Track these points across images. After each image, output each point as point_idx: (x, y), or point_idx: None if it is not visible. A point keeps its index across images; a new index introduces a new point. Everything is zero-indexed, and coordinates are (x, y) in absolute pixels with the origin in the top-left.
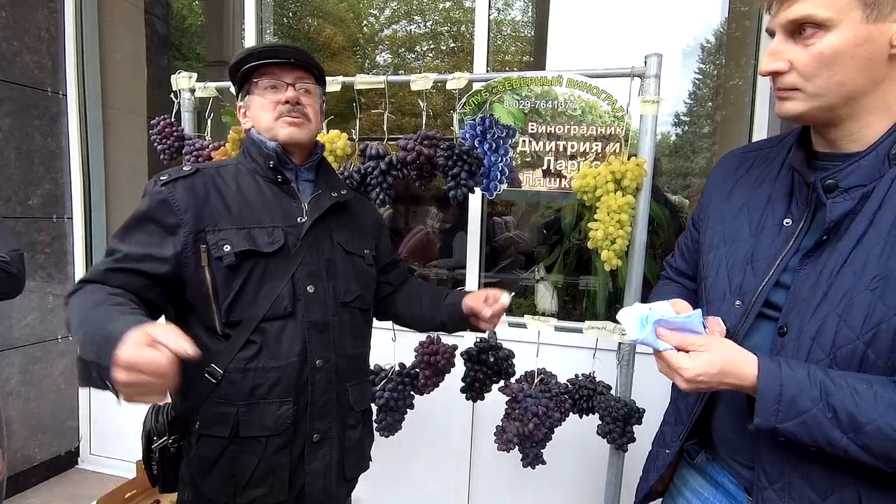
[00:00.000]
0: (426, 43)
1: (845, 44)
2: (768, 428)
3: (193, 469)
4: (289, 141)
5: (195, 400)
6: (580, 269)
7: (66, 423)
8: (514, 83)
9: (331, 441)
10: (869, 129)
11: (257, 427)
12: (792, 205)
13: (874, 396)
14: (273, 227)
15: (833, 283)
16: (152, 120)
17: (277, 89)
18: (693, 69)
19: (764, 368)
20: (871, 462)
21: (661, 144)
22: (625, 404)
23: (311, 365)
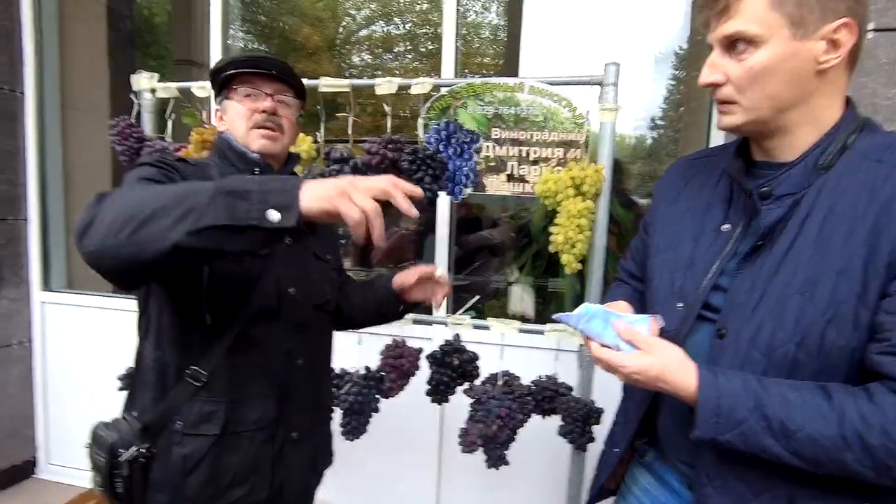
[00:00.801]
0: (404, 44)
1: (774, 59)
2: (708, 440)
3: (174, 471)
4: (262, 152)
5: (173, 403)
6: (549, 271)
7: (21, 432)
8: (478, 89)
9: (307, 438)
10: (800, 141)
11: (242, 422)
12: (730, 211)
13: (803, 404)
14: None
15: (768, 287)
16: (111, 121)
17: (256, 98)
18: (667, 75)
19: (703, 380)
20: (802, 466)
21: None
22: (584, 405)
23: (294, 364)
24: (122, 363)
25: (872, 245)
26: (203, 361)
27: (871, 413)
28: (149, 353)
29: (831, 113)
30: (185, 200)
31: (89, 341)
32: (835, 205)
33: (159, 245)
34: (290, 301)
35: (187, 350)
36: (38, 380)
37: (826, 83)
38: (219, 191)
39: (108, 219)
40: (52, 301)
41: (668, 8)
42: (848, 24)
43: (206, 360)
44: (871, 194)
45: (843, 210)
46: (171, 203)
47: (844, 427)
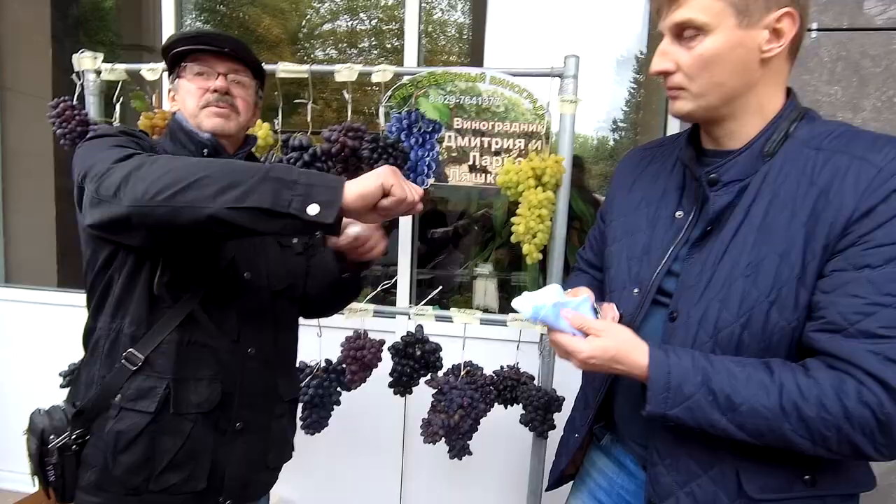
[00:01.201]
0: (369, 40)
1: (721, 47)
2: (659, 414)
3: (105, 447)
4: (214, 132)
5: (110, 385)
6: (512, 265)
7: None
8: (439, 78)
9: (255, 430)
10: (746, 128)
11: (184, 404)
12: (683, 198)
13: (747, 378)
14: None
15: (715, 271)
16: (50, 102)
17: (207, 76)
18: (628, 78)
19: (653, 358)
20: (747, 439)
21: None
22: (545, 393)
23: (242, 351)
24: (65, 360)
25: (811, 229)
26: (150, 337)
27: (808, 386)
28: (103, 325)
29: (774, 102)
30: (232, 176)
31: (27, 340)
32: (778, 190)
33: (197, 213)
34: (245, 286)
35: (140, 323)
36: None
37: (769, 72)
38: (268, 175)
39: (150, 178)
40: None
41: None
42: (790, 14)
43: (153, 336)
44: (811, 180)
45: (785, 195)
46: (218, 175)
47: (783, 399)
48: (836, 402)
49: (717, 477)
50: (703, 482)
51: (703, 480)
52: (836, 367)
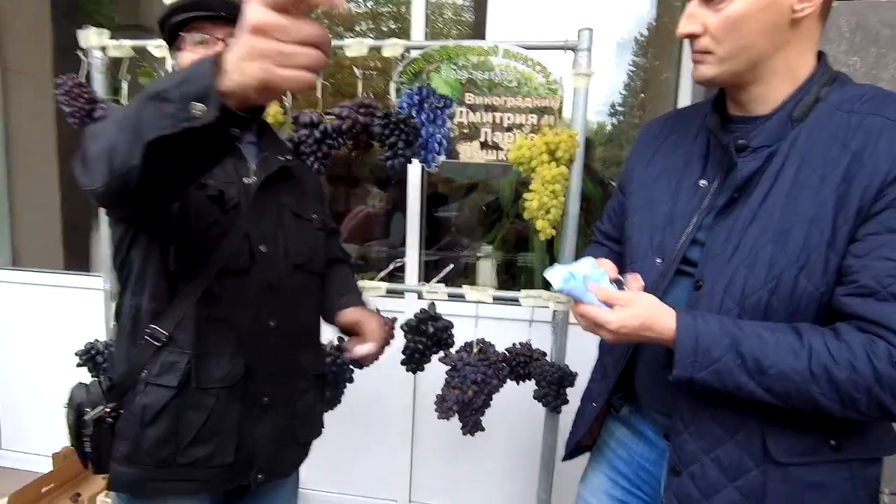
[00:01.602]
0: (365, 24)
1: (750, 7)
2: (686, 378)
3: (135, 421)
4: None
5: (139, 360)
6: (518, 246)
7: None
8: (451, 52)
9: (281, 405)
10: (774, 93)
11: (208, 378)
12: (707, 167)
13: (776, 342)
14: (226, 184)
15: (742, 237)
16: (57, 80)
17: (207, 45)
18: (627, 62)
19: (681, 322)
20: (774, 402)
21: (598, 133)
22: (559, 368)
23: (263, 325)
24: (74, 341)
25: (843, 193)
26: (169, 313)
27: (838, 349)
28: (126, 302)
29: (805, 65)
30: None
31: (40, 321)
32: (808, 155)
33: (133, 172)
34: (262, 259)
35: (159, 299)
36: None
37: (799, 35)
38: (147, 97)
39: (91, 158)
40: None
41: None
42: None
43: (173, 311)
44: (843, 144)
45: (815, 160)
46: (122, 125)
47: (813, 362)
48: (867, 364)
49: (742, 441)
50: (729, 447)
51: (729, 446)
52: (868, 329)
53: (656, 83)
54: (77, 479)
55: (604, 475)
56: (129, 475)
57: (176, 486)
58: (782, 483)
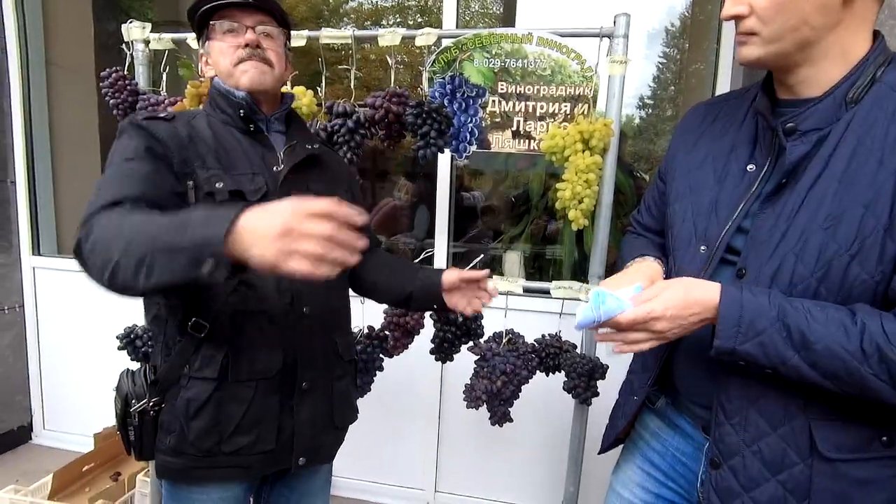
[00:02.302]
0: (393, 17)
1: None
2: (728, 350)
3: (180, 414)
4: (252, 88)
5: (183, 354)
6: (546, 239)
7: (16, 398)
8: (485, 40)
9: (319, 390)
10: (826, 75)
11: (247, 371)
12: (756, 151)
13: (826, 318)
14: (253, 174)
15: (790, 224)
16: (102, 73)
17: (236, 33)
18: (657, 53)
19: (726, 293)
20: (820, 381)
21: (626, 127)
22: (589, 360)
23: (298, 312)
24: (115, 325)
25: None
26: (204, 310)
27: (893, 329)
28: (160, 300)
29: (859, 46)
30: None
31: (82, 306)
32: (864, 137)
33: (134, 292)
34: None
35: (192, 296)
36: (32, 345)
37: (853, 15)
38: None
39: (93, 261)
40: (43, 266)
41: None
42: None
43: (208, 306)
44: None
45: (872, 143)
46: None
47: (864, 341)
48: None
49: (787, 434)
50: (772, 440)
51: (772, 439)
52: None
53: (687, 76)
54: (117, 459)
55: (637, 468)
56: (176, 464)
57: (220, 473)
58: (829, 479)
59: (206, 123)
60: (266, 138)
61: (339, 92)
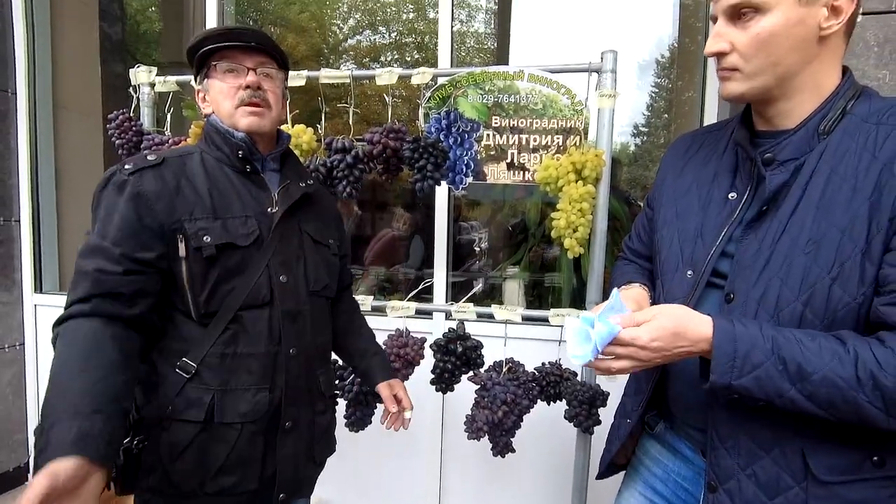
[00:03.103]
0: (390, 53)
1: (780, 25)
2: (724, 385)
3: (162, 454)
4: (250, 130)
5: (166, 395)
6: (545, 266)
7: (14, 437)
8: (478, 77)
9: (302, 427)
10: (801, 108)
11: (232, 413)
12: (736, 180)
13: (819, 347)
14: (246, 217)
15: (774, 249)
16: (110, 115)
17: (237, 73)
18: (649, 83)
19: (718, 327)
20: (815, 411)
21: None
22: (590, 388)
23: (285, 353)
24: None
25: (875, 202)
26: (193, 351)
27: (884, 356)
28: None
29: (831, 80)
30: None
31: None
32: (837, 166)
33: None
34: (282, 289)
35: (180, 340)
36: (31, 383)
37: (826, 50)
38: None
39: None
40: (44, 303)
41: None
42: None
43: (197, 349)
44: (872, 155)
45: (844, 171)
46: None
47: (858, 368)
48: None
49: (779, 458)
50: (765, 464)
51: (765, 462)
52: None
53: (679, 103)
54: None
55: (640, 494)
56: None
57: None
58: (825, 502)
59: (199, 162)
60: (261, 179)
61: (339, 127)
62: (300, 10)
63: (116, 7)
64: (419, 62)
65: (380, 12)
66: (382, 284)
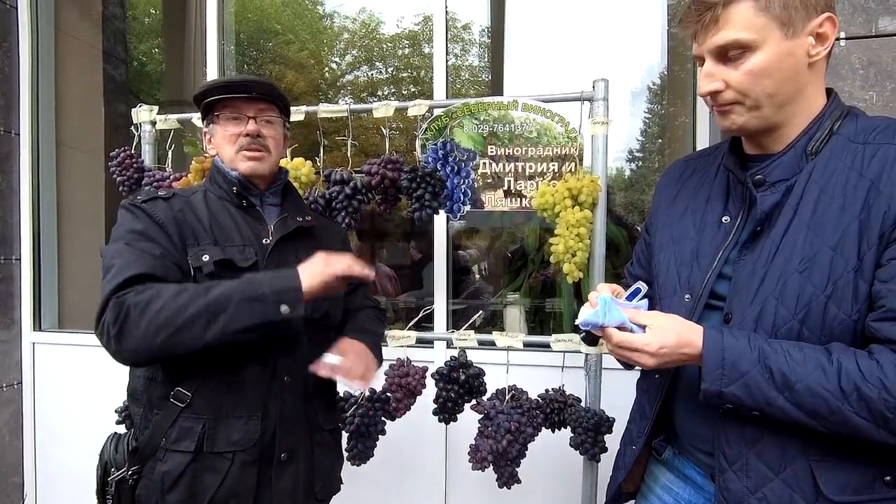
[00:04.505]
0: (387, 88)
1: (770, 59)
2: (715, 392)
3: (156, 488)
4: (249, 174)
5: (162, 425)
6: (545, 292)
7: (9, 480)
8: (473, 108)
9: (299, 459)
10: (792, 131)
11: (224, 442)
12: (729, 203)
13: (804, 358)
14: (244, 246)
15: (769, 269)
16: (111, 152)
17: (239, 121)
18: (642, 109)
19: (708, 337)
20: (806, 421)
21: (617, 179)
22: (595, 414)
23: (279, 381)
24: (115, 399)
25: (864, 219)
26: (188, 379)
27: (869, 368)
28: (141, 372)
29: (818, 103)
30: (212, 308)
31: (81, 381)
32: (826, 185)
33: (193, 346)
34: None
35: (172, 368)
36: (28, 424)
37: (815, 74)
38: (241, 298)
39: (143, 324)
40: (43, 341)
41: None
42: (830, 18)
43: (189, 378)
44: (860, 173)
45: (833, 190)
46: (201, 311)
47: (842, 380)
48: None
49: (790, 479)
50: (776, 486)
51: (776, 484)
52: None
53: (673, 128)
54: None
55: None
56: None
57: None
58: None
59: (202, 198)
60: (258, 212)
61: (338, 159)
62: (299, 48)
63: (121, 49)
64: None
65: (376, 48)
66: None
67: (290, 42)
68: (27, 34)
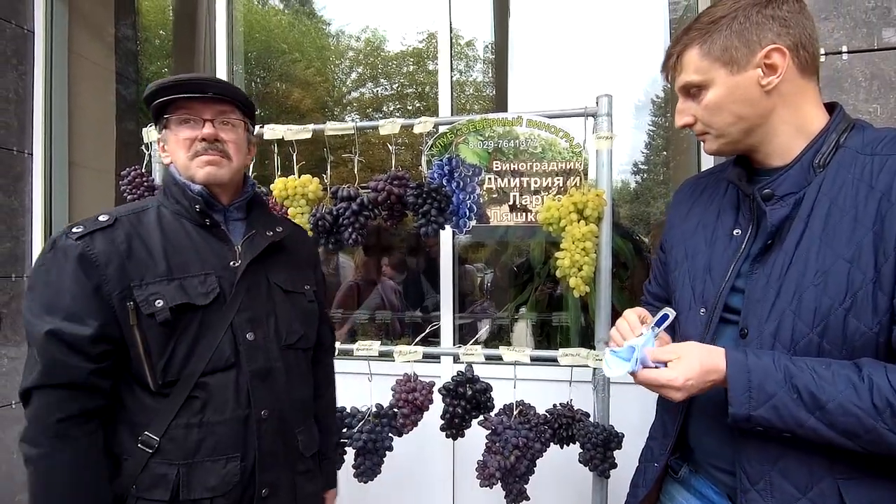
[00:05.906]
0: (393, 104)
1: (721, 95)
2: (744, 417)
3: None
4: (207, 182)
5: (130, 472)
6: (551, 305)
7: (17, 498)
8: (478, 125)
9: (282, 492)
10: (788, 147)
11: (201, 488)
12: (739, 217)
13: (833, 375)
14: (205, 275)
15: (783, 283)
16: (122, 171)
17: (193, 124)
18: (646, 122)
19: (731, 359)
20: (842, 442)
21: (622, 192)
22: (604, 429)
23: (256, 416)
24: None
25: (878, 231)
26: (155, 424)
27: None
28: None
29: (814, 119)
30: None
31: None
32: (836, 198)
33: None
34: (249, 348)
35: (140, 412)
36: None
37: (785, 97)
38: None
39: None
40: None
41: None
42: (777, 49)
43: (158, 422)
44: (870, 185)
45: (844, 203)
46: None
47: (874, 396)
48: None
49: (817, 498)
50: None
51: (802, 503)
52: None
53: (677, 141)
54: None
55: None
56: None
57: None
58: None
59: (155, 217)
60: (222, 232)
61: (345, 174)
62: (305, 66)
63: (132, 70)
64: (420, 111)
65: (381, 66)
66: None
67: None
68: (41, 56)
